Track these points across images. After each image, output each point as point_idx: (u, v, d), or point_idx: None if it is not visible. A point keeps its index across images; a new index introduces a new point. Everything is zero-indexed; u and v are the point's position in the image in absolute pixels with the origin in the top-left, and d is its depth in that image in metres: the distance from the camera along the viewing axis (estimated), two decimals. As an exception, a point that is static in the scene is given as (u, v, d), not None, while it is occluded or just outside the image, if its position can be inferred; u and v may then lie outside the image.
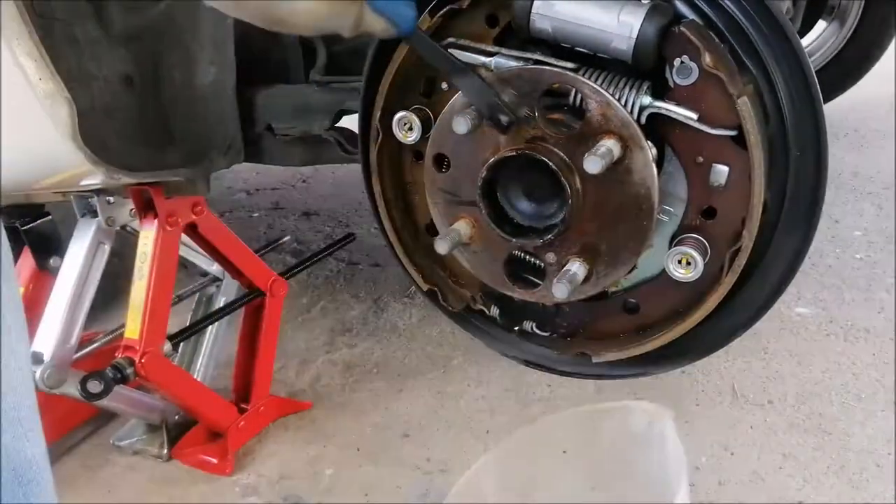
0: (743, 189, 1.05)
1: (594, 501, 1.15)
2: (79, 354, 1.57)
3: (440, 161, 1.17)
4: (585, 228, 1.10)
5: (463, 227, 1.16)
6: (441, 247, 1.14)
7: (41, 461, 0.77)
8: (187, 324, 1.77)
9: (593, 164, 0.99)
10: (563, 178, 1.05)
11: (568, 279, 1.09)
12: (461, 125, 1.04)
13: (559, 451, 1.20)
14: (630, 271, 1.15)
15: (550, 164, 1.05)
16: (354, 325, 2.21)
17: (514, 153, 1.07)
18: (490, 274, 1.20)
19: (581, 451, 1.19)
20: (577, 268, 1.11)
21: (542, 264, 1.16)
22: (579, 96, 1.06)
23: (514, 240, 1.13)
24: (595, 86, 1.03)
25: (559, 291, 1.08)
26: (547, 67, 1.06)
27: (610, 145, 1.01)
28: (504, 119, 1.06)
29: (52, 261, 1.71)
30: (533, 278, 1.18)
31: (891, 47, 3.04)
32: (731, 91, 0.99)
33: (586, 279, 1.12)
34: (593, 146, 1.02)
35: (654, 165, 1.03)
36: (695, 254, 1.07)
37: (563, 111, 1.09)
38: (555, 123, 1.08)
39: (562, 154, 1.06)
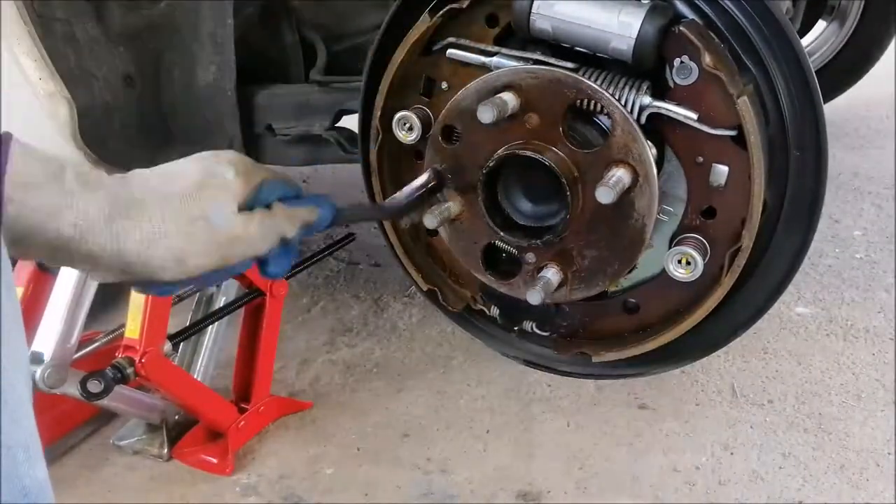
0: (743, 189, 1.05)
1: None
2: (79, 354, 1.57)
3: (449, 134, 1.15)
4: (573, 242, 1.11)
5: (453, 203, 1.16)
6: (430, 221, 1.13)
7: (47, 485, 0.77)
8: (187, 324, 1.77)
9: (605, 195, 1.00)
10: (568, 191, 1.05)
11: (542, 286, 1.10)
12: (487, 114, 1.02)
13: None
14: (630, 271, 1.15)
15: (562, 179, 1.05)
16: (354, 325, 2.21)
17: (528, 154, 1.06)
18: (466, 255, 1.20)
19: None
20: (552, 274, 1.12)
21: (520, 259, 1.16)
22: (603, 111, 1.05)
23: (502, 233, 1.13)
24: (595, 86, 1.03)
25: (533, 298, 1.10)
26: (583, 79, 1.04)
27: (621, 174, 1.02)
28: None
29: (52, 261, 1.71)
30: (506, 268, 1.19)
31: (890, 47, 3.04)
32: (730, 91, 0.99)
33: (560, 286, 1.13)
34: (606, 173, 1.03)
35: (654, 168, 1.03)
36: (695, 254, 1.07)
37: (585, 122, 1.09)
38: (574, 133, 1.07)
39: (572, 168, 1.06)
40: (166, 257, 0.81)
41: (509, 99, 1.04)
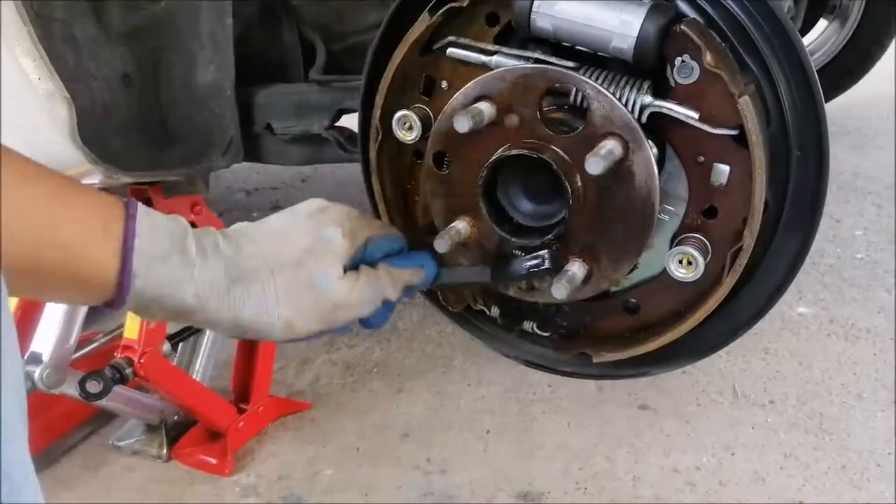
0: (744, 188, 1.05)
1: None
2: (78, 354, 1.57)
3: (440, 161, 1.16)
4: (585, 229, 1.09)
5: (462, 225, 1.15)
6: (440, 245, 1.13)
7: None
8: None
9: (595, 166, 0.98)
10: (564, 178, 1.05)
11: (567, 279, 1.08)
12: (463, 124, 1.03)
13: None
14: (631, 271, 1.14)
15: (552, 163, 1.04)
16: (354, 325, 2.20)
17: (516, 153, 1.06)
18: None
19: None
20: (576, 268, 1.10)
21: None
22: (580, 96, 1.05)
23: (514, 239, 1.12)
24: (596, 84, 1.02)
25: (559, 292, 1.07)
26: (550, 67, 1.05)
27: (611, 146, 1.01)
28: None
29: (51, 261, 1.71)
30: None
31: (891, 46, 3.04)
32: (732, 90, 0.99)
33: (586, 279, 1.11)
34: (595, 147, 1.02)
35: (654, 164, 1.03)
36: (696, 253, 1.07)
37: (564, 111, 1.08)
38: (556, 123, 1.07)
39: (563, 154, 1.05)
40: (276, 324, 0.87)
41: (485, 108, 1.05)
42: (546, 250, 1.11)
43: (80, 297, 0.81)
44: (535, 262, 1.10)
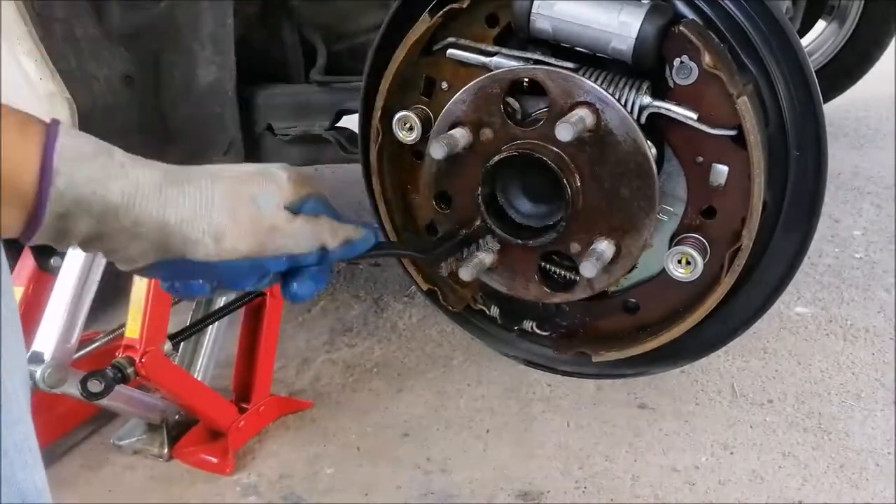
0: (743, 189, 1.05)
1: None
2: (79, 354, 1.57)
3: (443, 200, 1.20)
4: (594, 205, 1.09)
5: (485, 254, 1.17)
6: (465, 274, 1.14)
7: (44, 490, 0.78)
8: (188, 323, 1.77)
9: (565, 132, 0.99)
10: (550, 162, 1.06)
11: (596, 257, 1.08)
12: (438, 151, 1.06)
13: None
14: (630, 271, 1.15)
15: (533, 153, 1.06)
16: (354, 324, 2.21)
17: (499, 158, 1.08)
18: (527, 291, 1.20)
19: None
20: (604, 246, 1.10)
21: (569, 273, 1.16)
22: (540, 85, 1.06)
23: (531, 242, 1.12)
24: (594, 85, 1.03)
25: (587, 270, 1.07)
26: (499, 71, 1.08)
27: (581, 113, 1.02)
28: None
29: (52, 261, 1.71)
30: (562, 280, 1.20)
31: (890, 47, 3.04)
32: (730, 91, 0.99)
33: (615, 257, 1.11)
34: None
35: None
36: (694, 253, 1.07)
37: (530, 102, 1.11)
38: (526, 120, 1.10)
39: (544, 143, 1.07)
40: (206, 231, 0.80)
41: (458, 133, 1.09)
42: (460, 234, 1.17)
43: None
44: (450, 244, 1.18)
